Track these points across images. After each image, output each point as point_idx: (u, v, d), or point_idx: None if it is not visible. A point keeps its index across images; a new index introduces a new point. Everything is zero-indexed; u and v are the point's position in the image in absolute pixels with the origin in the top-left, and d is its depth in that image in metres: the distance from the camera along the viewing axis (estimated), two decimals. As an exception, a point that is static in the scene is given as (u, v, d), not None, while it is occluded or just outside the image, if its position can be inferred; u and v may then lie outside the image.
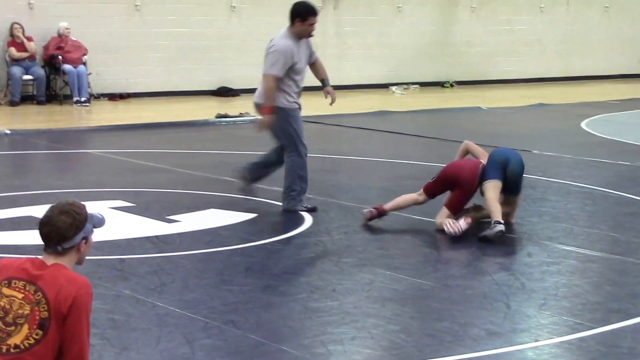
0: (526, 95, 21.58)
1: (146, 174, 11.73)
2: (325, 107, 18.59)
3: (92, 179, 11.44)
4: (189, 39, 20.82)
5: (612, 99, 21.38)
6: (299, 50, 9.83)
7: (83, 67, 18.78)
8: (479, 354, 5.82)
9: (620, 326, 6.34)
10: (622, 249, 8.45)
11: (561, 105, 20.34)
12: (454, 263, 7.99)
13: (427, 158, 13.29)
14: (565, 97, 21.72)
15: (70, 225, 4.10)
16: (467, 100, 20.70)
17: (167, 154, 13.41)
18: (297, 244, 8.45)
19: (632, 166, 12.74)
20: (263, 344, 5.95)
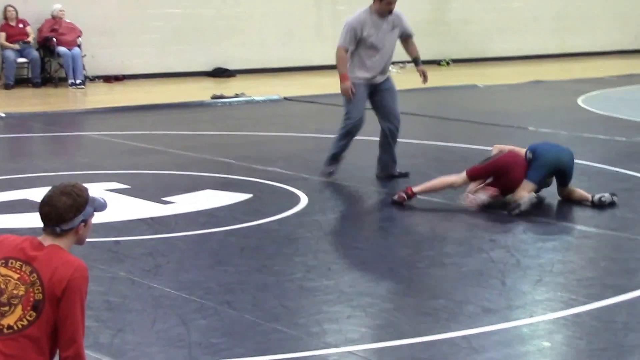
0: (522, 72, 21.54)
1: (141, 155, 11.72)
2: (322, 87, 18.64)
3: (87, 161, 11.43)
4: (184, 20, 20.77)
5: (608, 75, 21.35)
6: (375, 25, 10.15)
7: (78, 49, 18.73)
8: (474, 331, 5.83)
9: (615, 301, 6.35)
10: (617, 225, 8.45)
11: (557, 82, 20.31)
12: (449, 241, 7.99)
13: (424, 136, 13.27)
14: (561, 73, 21.69)
15: (70, 206, 4.08)
16: (464, 78, 20.66)
17: (163, 135, 13.40)
18: (292, 223, 8.45)
19: (628, 142, 12.73)
20: (258, 324, 5.95)
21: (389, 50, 10.35)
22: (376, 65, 10.30)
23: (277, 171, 10.57)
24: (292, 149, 12.38)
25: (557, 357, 5.56)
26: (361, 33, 10.14)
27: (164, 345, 5.63)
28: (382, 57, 10.30)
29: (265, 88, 18.64)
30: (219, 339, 5.71)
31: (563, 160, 9.01)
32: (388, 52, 10.35)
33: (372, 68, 10.28)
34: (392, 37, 10.35)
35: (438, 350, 5.58)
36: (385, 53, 10.32)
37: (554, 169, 8.98)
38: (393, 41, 10.39)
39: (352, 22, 10.18)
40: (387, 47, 10.30)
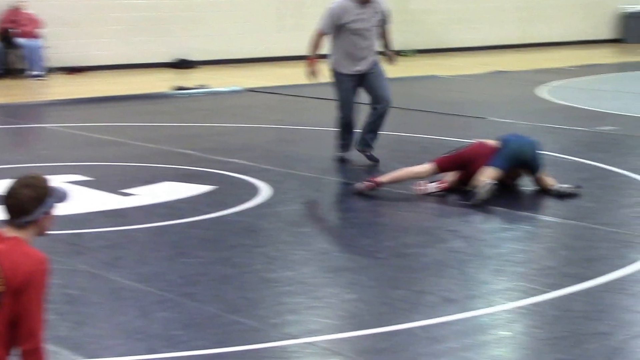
0: (484, 62, 21.62)
1: (102, 147, 11.66)
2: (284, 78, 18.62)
3: (48, 153, 11.36)
4: (145, 10, 20.67)
5: (569, 65, 21.46)
6: (356, 12, 10.32)
7: (38, 40, 18.59)
8: (434, 321, 5.85)
9: (574, 290, 6.39)
10: (576, 214, 8.51)
11: (518, 72, 20.39)
12: (409, 231, 8.01)
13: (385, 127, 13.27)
14: (522, 64, 21.78)
15: (32, 198, 4.06)
16: (425, 68, 20.70)
17: (124, 127, 13.34)
18: (253, 215, 8.43)
19: (588, 132, 12.82)
20: (219, 315, 5.94)
21: (372, 36, 10.45)
22: (360, 53, 10.44)
23: (238, 162, 10.55)
24: (254, 140, 12.36)
25: (516, 346, 5.59)
26: (340, 19, 10.30)
27: (124, 337, 5.61)
28: (365, 44, 10.42)
29: (227, 79, 18.60)
30: (179, 331, 5.70)
31: (525, 152, 9.09)
32: (371, 39, 10.46)
33: (357, 56, 10.45)
34: (375, 24, 10.46)
35: (398, 340, 5.60)
36: (369, 39, 10.43)
37: (517, 159, 9.05)
38: (375, 28, 10.51)
39: (333, 8, 10.38)
40: (370, 33, 10.42)
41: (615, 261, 7.06)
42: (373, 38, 10.54)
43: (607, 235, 7.80)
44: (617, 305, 6.14)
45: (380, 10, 10.54)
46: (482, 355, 5.37)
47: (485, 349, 5.48)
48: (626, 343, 5.53)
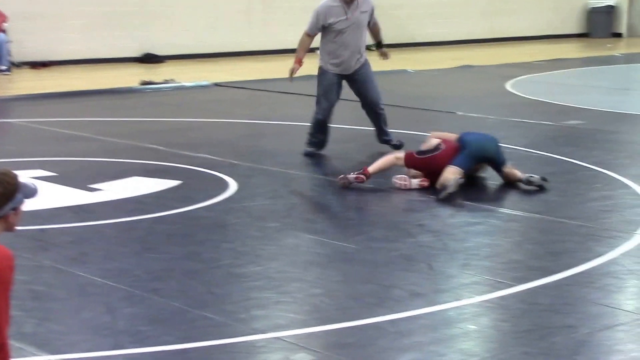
0: (453, 57, 21.66)
1: (69, 142, 11.60)
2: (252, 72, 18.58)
3: (13, 148, 11.28)
4: (112, 4, 20.57)
5: (536, 60, 21.55)
6: (341, 12, 10.34)
7: (3, 34, 18.46)
8: (402, 315, 5.85)
9: (540, 284, 6.42)
10: (543, 208, 8.54)
11: (486, 66, 20.45)
12: (377, 225, 8.01)
13: (354, 122, 13.28)
14: (490, 58, 21.85)
15: (1, 195, 4.03)
16: (395, 63, 20.62)
17: (90, 122, 13.26)
18: (221, 210, 8.42)
19: (555, 126, 12.87)
20: (186, 311, 5.92)
21: (357, 37, 10.45)
22: (345, 53, 10.47)
23: (205, 157, 10.52)
24: (222, 135, 12.33)
25: (483, 339, 5.61)
26: (325, 20, 10.34)
27: (90, 333, 5.58)
28: (350, 44, 10.46)
29: (194, 74, 18.55)
30: (146, 326, 5.67)
31: (487, 149, 9.18)
32: (357, 39, 10.47)
33: (342, 56, 10.48)
34: (361, 24, 10.45)
35: (365, 334, 5.60)
36: (354, 40, 10.45)
37: (480, 158, 9.14)
38: (362, 28, 10.49)
39: (317, 9, 10.43)
40: (355, 34, 10.43)
41: (582, 255, 7.10)
42: (361, 38, 10.53)
43: (574, 228, 7.83)
44: (584, 298, 6.17)
45: (368, 9, 10.52)
46: (449, 349, 5.38)
47: (452, 342, 5.49)
48: (592, 336, 5.56)
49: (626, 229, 7.77)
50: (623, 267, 6.81)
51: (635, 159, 10.81)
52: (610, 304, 6.10)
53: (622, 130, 12.59)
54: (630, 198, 8.79)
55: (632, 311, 5.98)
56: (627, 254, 7.09)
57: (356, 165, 9.96)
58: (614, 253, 7.09)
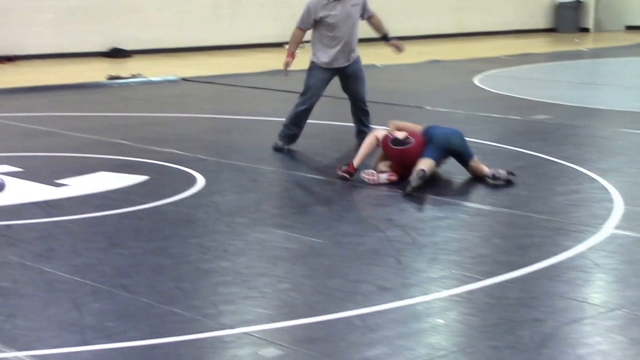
0: (420, 52, 21.68)
1: (35, 137, 11.52)
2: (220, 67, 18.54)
3: (-21, 144, 11.20)
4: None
5: (504, 55, 21.63)
6: (332, 6, 10.34)
7: (-31, 29, 18.34)
8: (370, 309, 5.85)
9: (508, 278, 6.43)
10: (510, 202, 8.57)
11: (454, 61, 20.51)
12: (345, 220, 8.01)
13: (322, 116, 13.28)
14: (458, 53, 21.90)
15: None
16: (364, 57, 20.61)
17: (57, 117, 13.19)
18: (188, 205, 8.38)
19: (523, 120, 12.92)
20: (153, 306, 5.90)
21: (349, 31, 10.44)
22: (337, 47, 10.49)
23: (173, 152, 10.49)
24: (189, 130, 12.29)
25: (451, 333, 5.62)
26: (316, 14, 10.35)
27: (57, 329, 5.55)
28: (342, 38, 10.46)
29: (162, 68, 18.49)
30: (113, 322, 5.64)
31: (453, 142, 9.21)
32: (348, 33, 10.46)
33: (333, 49, 10.49)
34: (352, 17, 10.42)
35: (334, 329, 5.59)
36: (346, 34, 10.44)
37: (447, 150, 9.17)
38: (354, 21, 10.46)
39: (308, 3, 10.43)
40: (346, 27, 10.43)
41: (549, 249, 7.13)
42: (352, 31, 10.51)
43: (541, 223, 7.86)
44: (551, 292, 6.19)
45: (359, 2, 10.48)
46: (418, 344, 5.38)
47: (420, 337, 5.49)
48: (559, 329, 5.58)
49: (593, 222, 7.81)
50: (590, 261, 6.84)
51: (602, 154, 10.87)
52: (577, 298, 6.13)
53: (590, 125, 12.65)
54: (598, 192, 8.83)
55: (598, 304, 6.01)
56: (594, 248, 7.13)
57: (325, 160, 9.98)
58: (581, 247, 7.13)
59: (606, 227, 7.63)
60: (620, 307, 5.93)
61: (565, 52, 22.98)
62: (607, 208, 8.22)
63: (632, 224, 7.75)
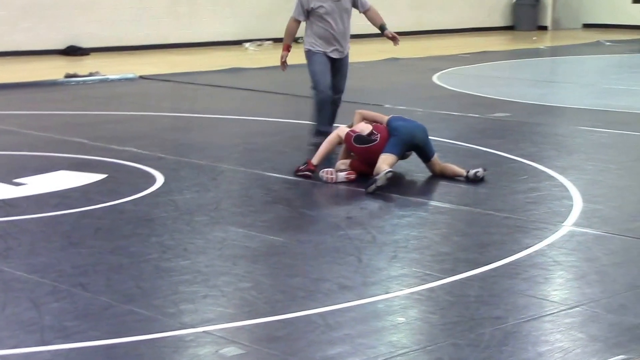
0: (379, 49, 21.65)
1: (-8, 136, 11.42)
2: (178, 65, 18.46)
3: None
4: (34, -4, 20.31)
5: (463, 53, 21.70)
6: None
7: None
8: (331, 308, 5.85)
9: (468, 275, 6.45)
10: (470, 200, 8.60)
11: (413, 59, 20.54)
12: (306, 218, 7.99)
13: (281, 114, 13.28)
14: (417, 51, 21.93)
15: None
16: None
17: (14, 115, 13.07)
18: (148, 203, 8.34)
19: (481, 118, 12.97)
20: (113, 305, 5.86)
21: (341, 22, 10.46)
22: (329, 38, 10.56)
23: (132, 151, 10.43)
24: (148, 128, 12.22)
25: (411, 331, 5.62)
26: (309, 4, 10.39)
27: (15, 329, 5.49)
28: (334, 30, 10.50)
29: (120, 66, 18.38)
30: (72, 321, 5.60)
31: (417, 136, 9.21)
32: (340, 25, 10.49)
33: (326, 40, 10.51)
34: (344, 9, 10.42)
35: (295, 328, 5.58)
36: (338, 25, 10.47)
37: (409, 145, 9.17)
38: (345, 14, 10.46)
39: None
40: (338, 19, 10.46)
41: (509, 246, 7.15)
42: (345, 23, 10.51)
43: (501, 220, 7.89)
44: (511, 289, 6.22)
45: None
46: (379, 342, 5.38)
47: (381, 335, 5.49)
48: (520, 327, 5.59)
49: (552, 220, 7.85)
50: (549, 259, 6.87)
51: (560, 151, 10.94)
52: (537, 295, 6.16)
53: (548, 123, 12.72)
54: (557, 190, 8.88)
55: (558, 302, 6.04)
56: (553, 245, 7.16)
57: (285, 158, 9.97)
58: (540, 244, 7.16)
59: (565, 225, 7.68)
60: (579, 304, 5.97)
61: (523, 50, 23.10)
62: (566, 205, 8.27)
63: (591, 221, 7.80)
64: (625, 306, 5.93)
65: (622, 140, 11.53)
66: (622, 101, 14.46)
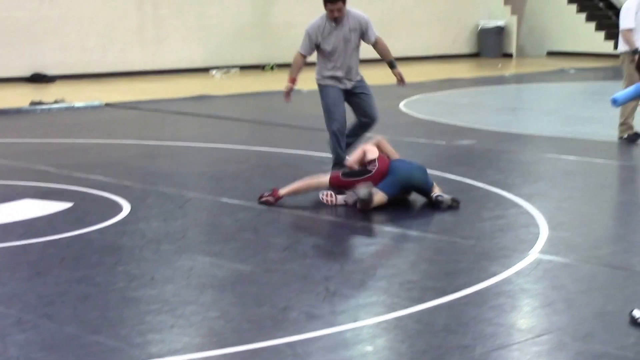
0: (345, 77, 21.75)
1: (-43, 164, 11.34)
2: (145, 93, 18.43)
3: None
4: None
5: (429, 80, 21.79)
6: (329, 31, 10.29)
7: None
8: (299, 337, 5.83)
9: (436, 304, 6.45)
10: (437, 228, 8.62)
11: (380, 86, 20.52)
12: (273, 247, 7.97)
13: (248, 142, 13.28)
14: (383, 77, 21.92)
15: None
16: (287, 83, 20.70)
17: (-21, 143, 12.99)
18: (114, 232, 8.29)
19: (448, 145, 13.02)
20: (79, 336, 5.81)
21: (348, 55, 10.36)
22: (337, 71, 10.42)
23: (98, 179, 10.38)
24: (114, 156, 12.18)
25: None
26: (316, 39, 10.32)
27: (-20, 362, 5.44)
28: (341, 63, 10.39)
29: (86, 94, 18.32)
30: (38, 353, 5.55)
31: (414, 177, 9.28)
32: (348, 58, 10.38)
33: (335, 73, 10.42)
34: (350, 43, 10.33)
35: (262, 358, 5.56)
36: (344, 58, 10.37)
37: (406, 186, 9.26)
38: (353, 45, 10.38)
39: (308, 29, 10.41)
40: (345, 52, 10.34)
41: (476, 274, 7.16)
42: (352, 56, 10.41)
43: (468, 248, 7.91)
44: (478, 318, 6.22)
45: (357, 27, 10.38)
46: (347, 371, 5.37)
47: (349, 364, 5.48)
48: (487, 355, 5.60)
49: (519, 247, 7.88)
50: (516, 286, 6.89)
51: (526, 178, 10.99)
52: (504, 323, 6.17)
53: (513, 150, 12.79)
54: (523, 217, 8.91)
55: (525, 330, 6.05)
56: (520, 273, 7.18)
57: (251, 186, 9.96)
58: (507, 272, 7.18)
59: (532, 252, 7.70)
60: (546, 333, 5.98)
61: (488, 77, 23.24)
62: (533, 233, 8.30)
63: (557, 249, 7.84)
64: (592, 334, 5.95)
65: (586, 168, 11.60)
66: (586, 128, 14.56)
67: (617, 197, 10.42)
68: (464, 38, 28.56)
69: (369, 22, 10.43)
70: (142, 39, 22.47)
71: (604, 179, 11.17)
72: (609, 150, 12.76)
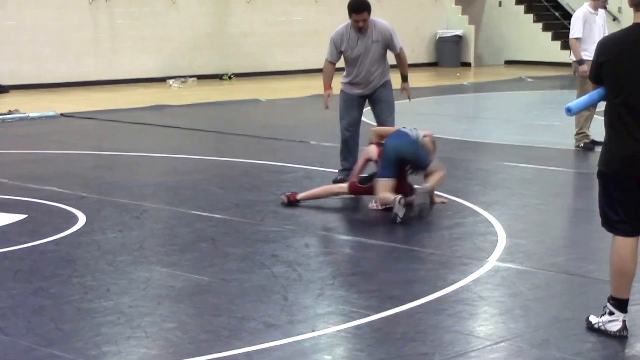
0: (304, 86, 21.74)
1: None
2: (101, 103, 18.31)
3: None
4: (-47, 33, 20.04)
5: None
6: (352, 39, 10.40)
7: None
8: (257, 347, 5.78)
9: (394, 312, 6.43)
10: (395, 237, 8.61)
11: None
12: (230, 257, 7.91)
13: (205, 152, 13.21)
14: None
15: None
16: (246, 92, 20.69)
17: None
18: (69, 244, 8.20)
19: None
20: (33, 349, 5.73)
21: (369, 64, 10.45)
22: (358, 78, 10.52)
23: (53, 190, 10.27)
24: (69, 167, 12.06)
25: (339, 370, 5.57)
26: (340, 46, 10.46)
27: None
28: (362, 70, 10.48)
29: (40, 104, 18.17)
30: (-9, 367, 5.47)
31: (403, 152, 9.34)
32: (368, 66, 10.46)
33: (356, 79, 10.54)
34: (373, 51, 10.38)
35: (220, 369, 5.51)
36: (366, 66, 10.45)
37: (398, 160, 9.30)
38: (375, 55, 10.40)
39: (333, 36, 10.54)
40: (367, 61, 10.43)
41: (434, 282, 7.15)
42: (372, 66, 10.44)
43: (426, 256, 7.89)
44: (437, 325, 6.20)
45: (380, 39, 10.39)
46: (305, 381, 5.33)
47: (308, 374, 5.44)
48: (443, 363, 5.58)
49: (478, 255, 7.87)
50: (475, 294, 6.88)
51: (485, 187, 11.01)
52: (462, 331, 6.15)
53: (472, 158, 12.81)
54: (481, 225, 8.91)
55: (483, 337, 6.04)
56: (478, 281, 7.18)
57: (209, 196, 9.90)
58: (465, 280, 7.17)
59: (490, 260, 7.70)
60: (504, 340, 5.97)
61: (447, 86, 23.31)
62: (491, 241, 8.30)
63: (515, 257, 7.84)
64: (549, 340, 5.95)
65: (544, 176, 11.64)
66: (543, 137, 14.62)
67: (574, 204, 10.46)
68: (422, 47, 28.64)
69: (392, 32, 10.51)
70: (97, 48, 22.33)
71: (560, 187, 11.21)
72: (565, 158, 12.82)
